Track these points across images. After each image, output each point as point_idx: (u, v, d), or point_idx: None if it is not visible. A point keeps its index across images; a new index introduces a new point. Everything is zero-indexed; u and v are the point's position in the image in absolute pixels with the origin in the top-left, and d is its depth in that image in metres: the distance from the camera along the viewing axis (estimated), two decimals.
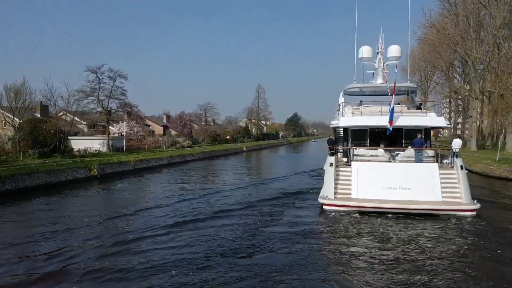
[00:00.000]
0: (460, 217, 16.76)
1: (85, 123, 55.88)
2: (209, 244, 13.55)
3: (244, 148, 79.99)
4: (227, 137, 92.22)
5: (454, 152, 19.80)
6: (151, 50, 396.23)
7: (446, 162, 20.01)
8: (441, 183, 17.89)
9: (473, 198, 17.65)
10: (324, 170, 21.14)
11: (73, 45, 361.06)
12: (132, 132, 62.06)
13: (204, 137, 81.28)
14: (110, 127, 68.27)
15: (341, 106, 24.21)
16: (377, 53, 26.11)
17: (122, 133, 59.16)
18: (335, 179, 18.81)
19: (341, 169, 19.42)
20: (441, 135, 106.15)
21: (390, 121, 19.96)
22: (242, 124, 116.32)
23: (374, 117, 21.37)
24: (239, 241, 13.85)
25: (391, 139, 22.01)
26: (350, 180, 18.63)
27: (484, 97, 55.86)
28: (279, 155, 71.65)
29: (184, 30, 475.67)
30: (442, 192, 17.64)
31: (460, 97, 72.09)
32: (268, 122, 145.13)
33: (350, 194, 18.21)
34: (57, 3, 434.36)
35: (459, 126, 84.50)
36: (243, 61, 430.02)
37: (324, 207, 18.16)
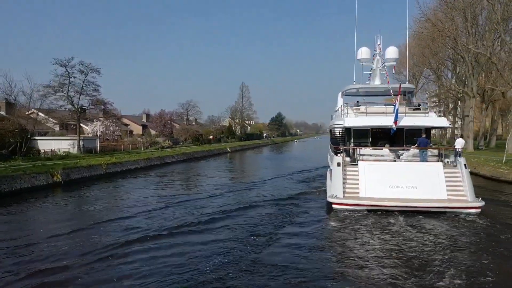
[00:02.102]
0: (466, 214, 17.05)
1: (55, 121, 51.04)
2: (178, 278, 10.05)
3: (228, 149, 76.14)
4: (210, 137, 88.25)
5: (457, 151, 20.28)
6: (151, 50, 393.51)
7: (448, 161, 20.31)
8: (446, 181, 18.22)
9: (477, 196, 17.92)
10: (328, 169, 21.90)
11: (73, 45, 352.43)
12: (107, 132, 57.79)
13: (186, 137, 77.17)
14: (84, 126, 63.97)
15: (343, 107, 24.49)
16: (375, 54, 26.53)
17: (97, 133, 54.81)
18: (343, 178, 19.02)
19: (347, 168, 19.48)
20: None
21: (395, 121, 20.37)
22: (225, 123, 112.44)
23: (378, 117, 21.89)
24: (225, 278, 10.21)
25: (391, 139, 22.26)
26: (357, 179, 18.82)
27: (477, 95, 53.64)
28: (265, 157, 68.15)
29: (184, 30, 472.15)
30: (447, 190, 17.95)
31: (451, 95, 69.87)
32: (251, 122, 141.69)
33: (358, 193, 18.38)
34: (57, 3, 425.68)
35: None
36: (228, 60, 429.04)
37: (334, 206, 18.16)
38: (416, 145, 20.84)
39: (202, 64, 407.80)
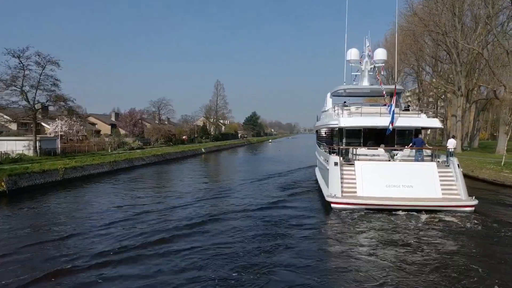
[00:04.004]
0: (460, 212, 17.45)
1: (8, 118, 45.66)
2: None
3: (203, 150, 71.99)
4: (183, 137, 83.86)
5: (449, 151, 20.75)
6: (151, 50, 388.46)
7: (439, 162, 20.56)
8: (440, 180, 18.67)
9: (470, 195, 18.30)
10: (317, 168, 23.21)
11: (73, 46, 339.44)
12: (71, 131, 52.85)
13: (158, 138, 72.64)
14: (45, 125, 58.65)
15: (336, 107, 24.86)
16: (363, 56, 27.19)
17: (59, 133, 49.78)
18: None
19: (344, 168, 19.59)
20: None
21: (392, 122, 20.82)
22: (200, 123, 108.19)
23: (373, 117, 22.17)
24: None
25: (380, 139, 22.77)
26: (354, 178, 19.06)
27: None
28: (242, 158, 64.53)
29: (184, 31, 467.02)
30: (442, 190, 18.38)
31: (432, 94, 68.38)
32: (226, 121, 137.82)
33: (355, 192, 18.64)
34: (57, 3, 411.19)
35: None
36: (201, 58, 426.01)
37: (333, 205, 18.31)
38: (410, 145, 21.51)
39: (175, 63, 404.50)
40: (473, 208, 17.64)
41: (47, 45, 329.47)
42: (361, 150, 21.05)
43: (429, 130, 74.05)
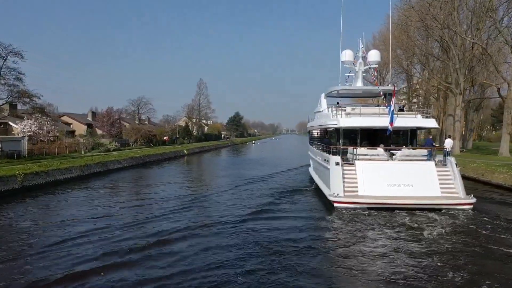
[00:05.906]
0: (459, 210, 17.66)
1: None
2: None
3: (185, 152, 67.88)
4: (165, 138, 79.70)
5: (447, 151, 21.56)
6: (151, 50, 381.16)
7: (436, 161, 20.64)
8: (439, 179, 18.98)
9: (468, 194, 18.57)
10: (311, 168, 25.37)
11: (73, 46, 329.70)
12: (41, 131, 48.45)
13: (137, 138, 68.42)
14: (13, 125, 54.04)
15: (331, 108, 25.35)
16: (357, 57, 27.51)
17: (26, 133, 45.34)
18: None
19: (345, 168, 19.67)
20: None
21: (391, 122, 21.08)
22: (181, 123, 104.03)
23: (372, 118, 22.47)
24: None
25: (378, 139, 23.26)
26: (355, 178, 19.28)
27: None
28: (227, 160, 60.89)
29: (184, 30, 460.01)
30: (440, 188, 18.68)
31: (421, 92, 66.19)
32: (209, 122, 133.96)
33: (357, 191, 18.83)
34: (57, 3, 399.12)
35: None
36: (183, 56, 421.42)
37: (335, 204, 18.42)
38: (412, 145, 23.15)
39: (175, 62, 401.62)
40: (471, 206, 18.01)
41: (47, 45, 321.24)
42: (361, 150, 21.15)
43: (419, 131, 72.41)
